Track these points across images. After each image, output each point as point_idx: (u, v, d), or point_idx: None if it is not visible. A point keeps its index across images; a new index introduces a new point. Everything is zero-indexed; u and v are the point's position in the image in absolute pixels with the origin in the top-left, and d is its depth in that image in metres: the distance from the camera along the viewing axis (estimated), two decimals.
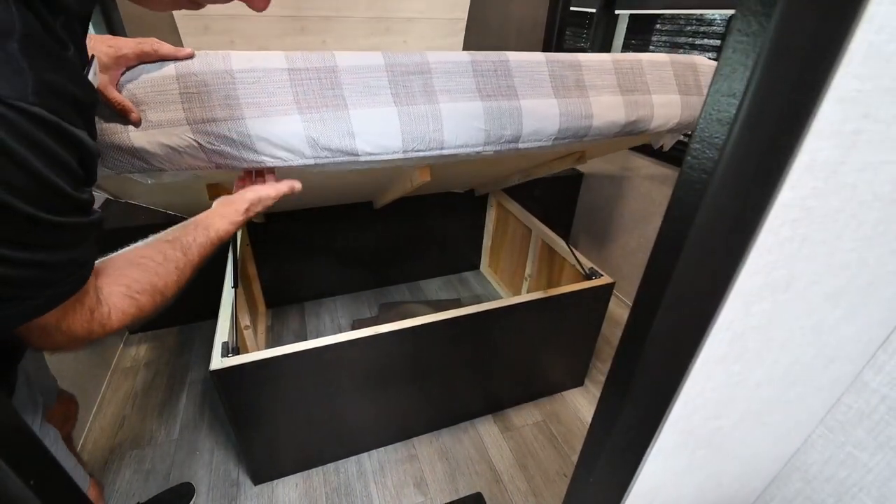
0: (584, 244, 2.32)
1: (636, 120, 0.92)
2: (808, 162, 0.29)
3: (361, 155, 0.73)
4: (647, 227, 1.92)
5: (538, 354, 1.45)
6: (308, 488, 1.25)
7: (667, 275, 0.33)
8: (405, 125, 0.74)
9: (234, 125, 0.66)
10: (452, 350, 1.27)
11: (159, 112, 0.63)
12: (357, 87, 0.72)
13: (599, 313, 1.45)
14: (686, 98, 0.98)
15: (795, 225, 0.32)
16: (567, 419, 1.50)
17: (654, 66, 0.94)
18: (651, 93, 0.93)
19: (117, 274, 0.50)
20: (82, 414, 1.37)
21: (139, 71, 0.62)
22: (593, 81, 0.88)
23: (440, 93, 0.77)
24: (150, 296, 0.52)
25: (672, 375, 0.38)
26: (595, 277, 1.39)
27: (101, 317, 0.46)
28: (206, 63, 0.65)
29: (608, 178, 2.08)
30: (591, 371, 1.68)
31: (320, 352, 1.07)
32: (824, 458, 0.63)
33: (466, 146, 0.80)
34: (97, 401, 1.48)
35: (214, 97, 0.65)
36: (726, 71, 0.29)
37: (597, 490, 0.51)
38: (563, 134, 0.86)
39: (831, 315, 0.43)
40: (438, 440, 1.41)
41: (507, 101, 0.81)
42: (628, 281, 2.06)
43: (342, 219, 1.84)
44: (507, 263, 2.06)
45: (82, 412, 1.37)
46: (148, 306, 0.52)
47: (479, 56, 0.79)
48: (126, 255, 0.53)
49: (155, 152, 0.64)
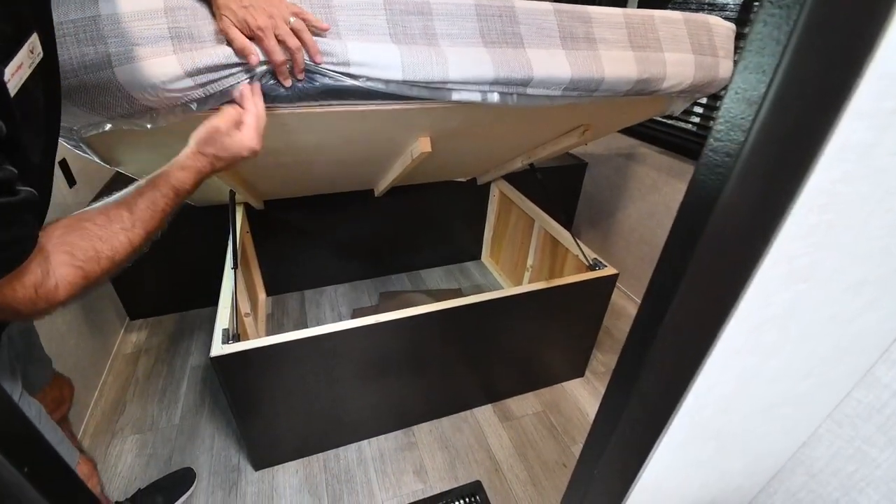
0: (587, 235, 2.30)
1: (648, 78, 0.89)
2: (842, 143, 0.27)
3: (359, 78, 0.71)
4: (651, 219, 1.89)
5: (539, 345, 1.44)
6: (308, 474, 1.26)
7: (683, 263, 0.32)
8: (405, 57, 0.72)
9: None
10: (452, 339, 1.26)
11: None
12: (353, 26, 0.70)
13: (602, 304, 1.44)
14: (700, 58, 0.95)
15: (823, 210, 0.30)
16: (567, 410, 1.50)
17: (666, 23, 0.92)
18: (663, 50, 0.91)
19: (58, 243, 0.47)
20: (84, 398, 1.37)
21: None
22: (604, 35, 0.85)
23: (442, 37, 0.75)
24: (96, 262, 0.49)
25: (686, 368, 0.37)
26: (599, 268, 1.38)
27: (46, 292, 0.45)
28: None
29: (612, 167, 2.05)
30: (592, 362, 1.68)
31: (321, 340, 1.06)
32: (831, 453, 0.62)
33: (472, 83, 0.78)
34: (98, 386, 1.48)
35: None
36: (755, 46, 0.27)
37: (601, 482, 0.51)
38: (573, 85, 0.84)
39: (850, 306, 0.42)
40: (438, 429, 1.41)
41: (513, 49, 0.79)
42: (631, 273, 2.04)
43: (343, 207, 1.82)
44: (508, 253, 2.04)
45: (84, 396, 1.37)
46: (94, 273, 0.49)
47: (482, 0, 0.77)
48: (67, 221, 0.50)
49: (139, 84, 0.63)
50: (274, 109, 0.76)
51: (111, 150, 0.87)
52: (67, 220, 0.50)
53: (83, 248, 0.49)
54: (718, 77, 1.00)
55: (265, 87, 0.69)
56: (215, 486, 1.22)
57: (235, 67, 0.66)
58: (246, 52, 0.65)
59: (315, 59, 0.68)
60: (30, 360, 0.80)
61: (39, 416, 0.68)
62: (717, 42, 0.98)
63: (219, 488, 1.21)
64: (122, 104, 0.65)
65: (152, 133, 0.73)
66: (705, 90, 1.03)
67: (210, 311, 1.84)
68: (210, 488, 1.21)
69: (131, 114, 0.67)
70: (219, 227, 1.62)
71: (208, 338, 1.70)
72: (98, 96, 0.63)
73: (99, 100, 0.64)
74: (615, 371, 0.41)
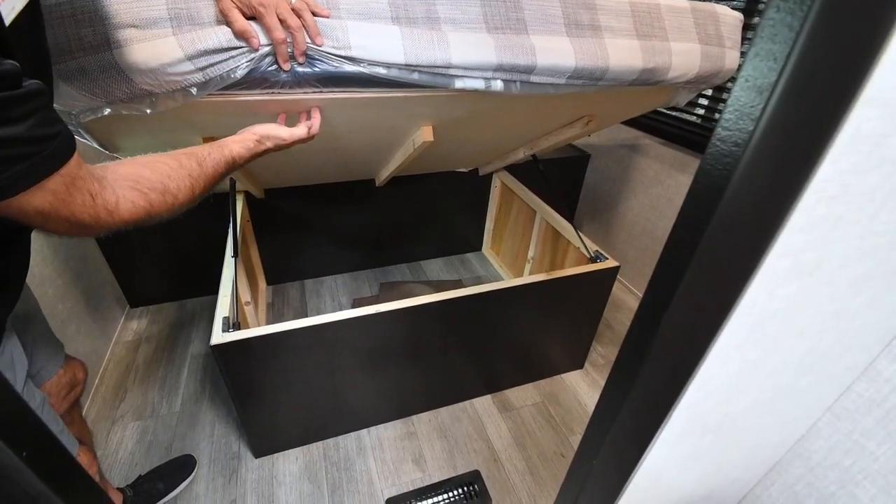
0: (588, 227, 2.29)
1: (653, 67, 0.88)
2: (853, 133, 0.27)
3: (360, 62, 0.71)
4: (654, 212, 1.89)
5: (539, 336, 1.44)
6: (308, 462, 1.27)
7: (687, 254, 0.31)
8: (407, 40, 0.72)
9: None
10: (453, 330, 1.26)
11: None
12: (355, 9, 0.69)
13: (603, 297, 1.44)
14: (706, 48, 0.94)
15: (832, 203, 0.30)
16: (566, 401, 1.51)
17: (673, 12, 0.91)
18: (669, 40, 0.90)
19: (127, 171, 0.52)
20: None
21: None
22: (609, 23, 0.84)
23: (444, 21, 0.74)
24: (161, 194, 0.54)
25: (687, 361, 0.37)
26: (600, 260, 1.37)
27: (105, 203, 0.48)
28: None
29: (615, 159, 2.04)
30: (592, 354, 1.68)
31: (321, 329, 1.06)
32: (829, 446, 0.62)
33: (475, 69, 0.77)
34: (99, 373, 1.49)
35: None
36: (767, 32, 0.26)
37: (599, 473, 0.51)
38: (578, 73, 0.83)
39: (854, 301, 0.41)
40: (437, 418, 1.42)
41: (517, 35, 0.78)
42: (632, 265, 2.04)
43: (344, 197, 1.81)
44: (509, 245, 2.04)
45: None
46: (158, 204, 0.54)
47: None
48: (139, 158, 0.56)
49: (138, 67, 0.63)
50: (274, 95, 0.75)
51: (110, 135, 0.87)
52: (141, 158, 0.55)
53: (150, 179, 0.53)
54: (725, 68, 0.99)
55: (265, 72, 0.69)
56: (216, 472, 1.23)
57: (235, 51, 0.65)
58: (246, 35, 0.64)
59: (316, 41, 0.67)
60: (41, 346, 0.81)
61: (42, 406, 0.68)
62: (724, 32, 0.97)
63: (219, 475, 1.23)
64: (122, 88, 0.64)
65: (152, 118, 0.72)
66: (711, 81, 1.02)
67: (210, 300, 1.84)
68: (210, 475, 1.23)
69: (130, 98, 0.67)
70: (219, 215, 1.62)
71: (209, 326, 1.71)
72: (97, 80, 0.62)
73: (98, 83, 0.63)
74: (616, 362, 0.41)
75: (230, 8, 0.62)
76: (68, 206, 0.45)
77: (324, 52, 0.68)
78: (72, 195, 0.45)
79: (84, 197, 0.46)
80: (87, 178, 0.47)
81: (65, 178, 0.44)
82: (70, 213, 0.46)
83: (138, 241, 1.65)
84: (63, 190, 0.44)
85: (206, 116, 0.83)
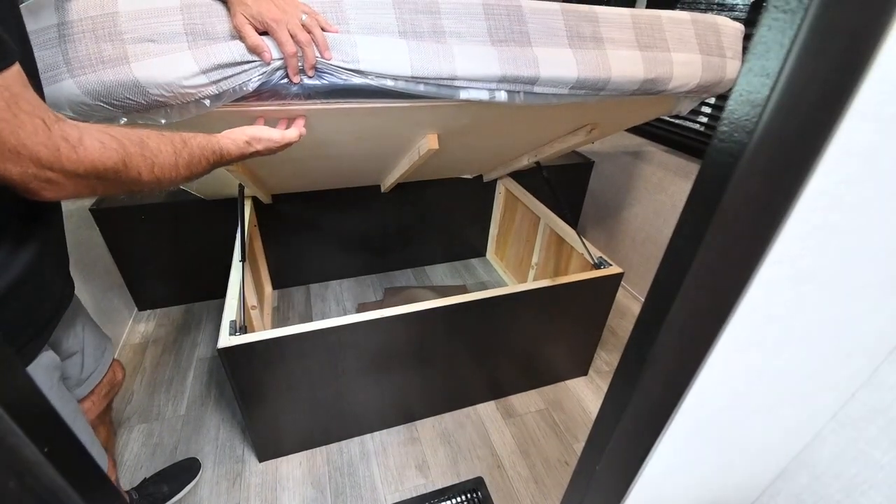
0: (593, 233, 2.30)
1: (655, 78, 0.90)
2: (844, 147, 0.27)
3: (368, 75, 0.72)
4: (657, 218, 1.89)
5: (543, 342, 1.45)
6: (311, 467, 1.28)
7: (687, 260, 0.32)
8: (413, 54, 0.73)
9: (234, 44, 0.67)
10: (456, 335, 1.27)
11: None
12: (363, 24, 0.71)
13: (606, 303, 1.44)
14: (707, 58, 0.96)
15: (826, 213, 0.31)
16: (570, 408, 1.50)
17: (674, 24, 0.92)
18: (671, 50, 0.92)
19: (98, 125, 0.48)
20: None
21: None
22: (611, 35, 0.86)
23: (450, 35, 0.76)
24: (139, 147, 0.50)
25: (688, 364, 0.37)
26: (604, 267, 1.38)
27: (66, 135, 0.42)
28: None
29: (619, 166, 2.05)
30: (596, 361, 1.68)
31: (326, 333, 1.07)
32: (834, 454, 0.62)
33: (480, 81, 0.79)
34: None
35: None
36: (760, 50, 0.27)
37: (602, 479, 0.51)
38: (580, 84, 0.84)
39: (854, 308, 0.42)
40: (441, 424, 1.42)
41: (521, 47, 0.80)
42: (636, 271, 2.04)
43: (349, 202, 1.83)
44: (513, 251, 2.04)
45: None
46: (135, 156, 0.49)
47: (490, 0, 0.78)
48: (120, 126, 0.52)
49: (154, 80, 0.65)
50: (283, 106, 0.77)
51: None
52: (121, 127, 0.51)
53: (125, 131, 0.49)
54: (726, 77, 1.00)
55: (276, 85, 0.70)
56: (220, 476, 1.24)
57: (248, 64, 0.67)
58: (259, 50, 0.66)
59: (325, 55, 0.69)
60: (90, 347, 0.84)
61: (75, 415, 0.70)
62: (724, 42, 0.98)
63: (223, 479, 1.23)
64: (138, 99, 0.66)
65: (165, 127, 0.74)
66: (713, 90, 1.03)
67: (217, 304, 1.86)
68: (215, 478, 1.23)
69: (146, 109, 0.69)
70: (226, 220, 1.64)
71: (215, 330, 1.73)
72: (114, 91, 0.65)
73: (115, 95, 0.65)
74: (618, 368, 0.42)
75: (244, 23, 0.65)
76: (13, 129, 0.39)
77: (333, 66, 0.70)
78: (16, 115, 0.39)
79: (34, 122, 0.40)
80: (35, 104, 0.41)
81: (1, 89, 0.38)
82: (18, 141, 0.39)
83: (147, 245, 1.67)
84: (2, 106, 0.38)
85: (217, 126, 0.85)
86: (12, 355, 0.27)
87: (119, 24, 0.63)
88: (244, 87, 0.69)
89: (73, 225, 1.42)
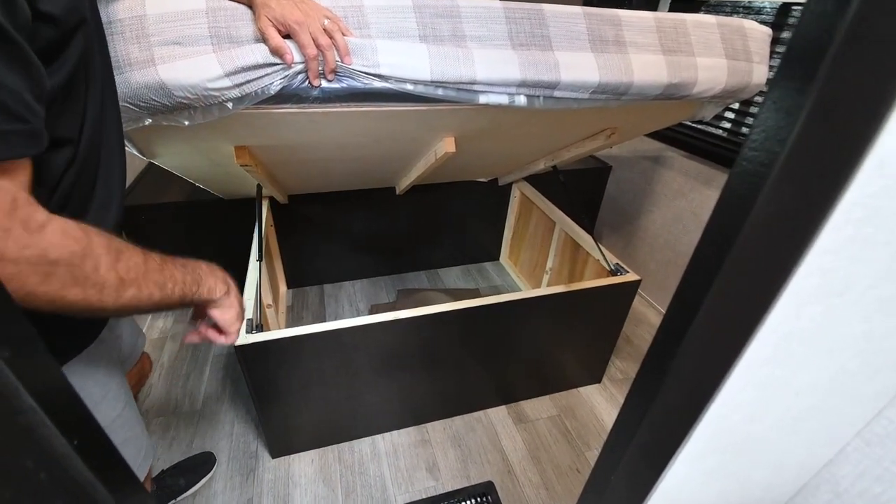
0: (609, 239, 2.27)
1: (679, 83, 0.88)
2: (882, 156, 0.27)
3: (388, 79, 0.73)
4: (676, 225, 1.86)
5: (556, 348, 1.43)
6: (323, 465, 1.28)
7: (714, 270, 0.32)
8: (434, 58, 0.74)
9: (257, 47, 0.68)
10: (469, 339, 1.27)
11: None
12: (384, 28, 0.72)
13: (622, 311, 1.42)
14: (733, 63, 0.94)
15: (860, 224, 0.30)
16: (582, 415, 1.49)
17: (699, 27, 0.91)
18: (695, 55, 0.90)
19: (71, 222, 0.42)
20: None
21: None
22: (634, 39, 0.85)
23: (470, 39, 0.76)
24: (105, 247, 0.43)
25: (711, 377, 0.37)
26: (620, 273, 1.36)
27: (27, 217, 0.37)
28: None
29: (638, 171, 2.02)
30: (610, 368, 1.66)
31: (340, 334, 1.08)
32: (858, 472, 0.60)
33: (500, 85, 0.78)
34: None
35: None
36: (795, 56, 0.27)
37: (617, 489, 0.50)
38: (602, 88, 0.84)
39: (884, 323, 0.40)
40: (452, 427, 1.42)
41: (542, 52, 0.79)
42: (653, 278, 2.01)
43: (364, 204, 1.84)
44: (528, 255, 2.03)
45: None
46: (100, 249, 0.42)
47: (511, 4, 0.78)
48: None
49: (179, 82, 0.66)
50: (303, 109, 0.78)
51: (149, 143, 0.91)
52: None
53: (99, 232, 0.44)
54: (752, 82, 0.98)
55: (296, 89, 0.72)
56: (234, 471, 1.26)
57: (270, 68, 0.69)
58: (281, 52, 0.67)
59: (345, 60, 0.70)
60: (127, 334, 0.86)
61: (127, 405, 0.71)
62: (751, 47, 0.96)
63: (237, 473, 1.25)
64: (163, 101, 0.68)
65: (189, 127, 0.76)
66: (738, 95, 1.01)
67: None
68: (229, 473, 1.25)
69: (170, 110, 0.70)
70: (244, 218, 1.66)
71: None
72: (140, 93, 0.66)
73: (141, 96, 0.67)
74: (637, 376, 0.41)
75: (267, 26, 0.66)
76: None
77: (353, 70, 0.71)
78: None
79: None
80: (10, 190, 0.36)
81: None
82: None
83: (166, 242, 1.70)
84: None
85: (239, 128, 0.87)
86: (43, 347, 0.28)
87: (146, 26, 0.65)
88: (266, 90, 0.70)
89: None
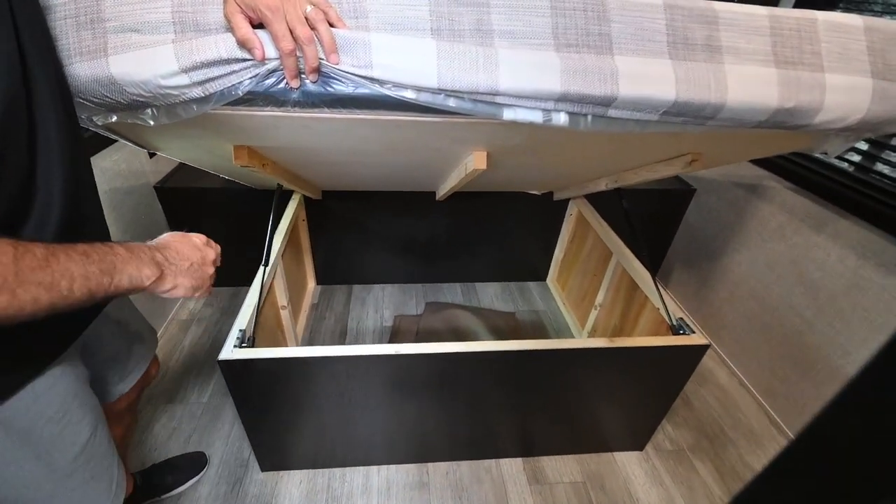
0: (680, 276, 1.94)
1: (795, 107, 0.63)
2: None
3: (385, 84, 0.57)
4: (769, 273, 1.50)
5: (592, 403, 1.20)
6: (310, 489, 1.19)
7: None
8: (442, 60, 0.56)
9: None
10: (486, 381, 1.09)
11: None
12: (385, 19, 0.57)
13: (682, 375, 1.15)
14: (882, 84, 0.65)
15: None
16: (613, 488, 1.25)
17: (835, 32, 0.64)
18: (825, 70, 0.64)
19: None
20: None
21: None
22: (734, 43, 0.61)
23: (499, 35, 0.57)
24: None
25: None
26: (684, 333, 1.09)
27: None
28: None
29: (727, 200, 1.67)
30: (657, 435, 1.39)
31: (332, 361, 0.96)
32: None
33: (532, 98, 0.59)
34: None
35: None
36: None
37: None
38: (678, 108, 0.61)
39: None
40: (456, 473, 1.26)
41: (596, 56, 0.59)
42: (729, 332, 1.67)
43: (402, 205, 1.71)
44: (578, 281, 1.79)
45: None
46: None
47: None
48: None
49: (130, 77, 0.55)
50: (288, 112, 0.64)
51: (139, 136, 0.83)
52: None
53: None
54: None
55: (272, 90, 0.58)
56: (222, 477, 1.21)
57: (238, 64, 0.55)
58: (249, 45, 0.53)
59: (330, 59, 0.55)
60: (136, 345, 0.85)
61: (95, 432, 0.66)
62: None
63: (224, 481, 1.20)
64: (116, 98, 0.57)
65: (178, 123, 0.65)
66: (883, 129, 0.71)
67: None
68: (216, 479, 1.20)
69: (129, 108, 0.60)
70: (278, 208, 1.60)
71: None
72: (90, 87, 0.56)
73: (92, 91, 0.57)
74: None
75: (235, 12, 0.52)
76: None
77: (339, 71, 0.56)
78: None
79: None
80: None
81: None
82: None
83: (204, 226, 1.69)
84: None
85: (227, 129, 0.76)
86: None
87: (103, 10, 0.54)
88: (233, 90, 0.57)
89: (135, 201, 1.47)
